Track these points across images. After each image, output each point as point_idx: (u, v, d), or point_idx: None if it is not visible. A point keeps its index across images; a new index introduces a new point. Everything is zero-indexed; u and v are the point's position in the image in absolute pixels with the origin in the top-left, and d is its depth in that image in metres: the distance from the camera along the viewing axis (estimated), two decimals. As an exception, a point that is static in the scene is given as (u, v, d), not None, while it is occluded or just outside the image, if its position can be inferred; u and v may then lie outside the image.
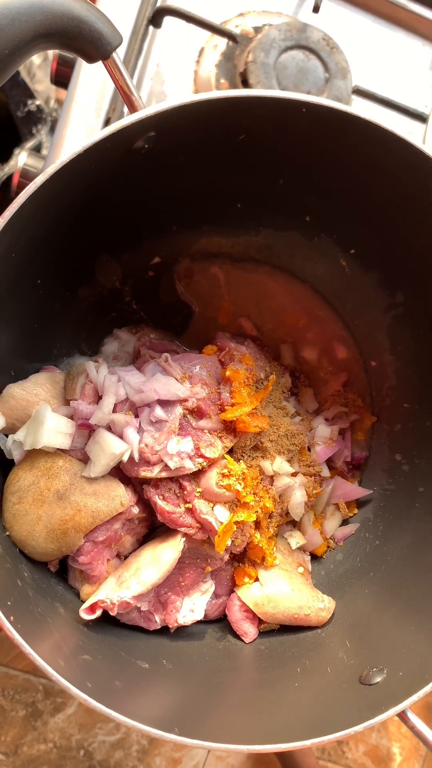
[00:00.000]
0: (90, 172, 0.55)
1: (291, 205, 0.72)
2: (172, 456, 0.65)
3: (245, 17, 0.87)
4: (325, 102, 0.55)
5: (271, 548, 0.72)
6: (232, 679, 0.65)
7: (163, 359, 0.69)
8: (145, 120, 0.52)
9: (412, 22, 0.90)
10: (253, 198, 0.72)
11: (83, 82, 0.83)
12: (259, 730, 0.55)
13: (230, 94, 0.54)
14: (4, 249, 0.54)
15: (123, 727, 1.71)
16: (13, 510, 0.64)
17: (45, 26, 0.46)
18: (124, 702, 0.53)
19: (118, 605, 0.63)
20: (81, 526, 0.64)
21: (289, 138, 0.60)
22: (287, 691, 0.62)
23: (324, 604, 0.70)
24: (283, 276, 0.79)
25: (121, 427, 0.65)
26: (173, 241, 0.76)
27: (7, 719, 1.69)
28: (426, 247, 0.66)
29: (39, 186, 0.51)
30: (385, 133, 0.56)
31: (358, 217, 0.70)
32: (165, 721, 0.52)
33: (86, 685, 0.51)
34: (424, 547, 0.71)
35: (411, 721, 0.55)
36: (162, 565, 0.65)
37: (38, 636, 0.53)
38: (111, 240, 0.72)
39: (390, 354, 0.79)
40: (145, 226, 0.72)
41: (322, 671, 0.64)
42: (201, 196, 0.70)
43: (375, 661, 0.62)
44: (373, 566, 0.75)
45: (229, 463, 0.67)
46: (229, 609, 0.71)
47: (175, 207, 0.71)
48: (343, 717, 0.55)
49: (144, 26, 0.80)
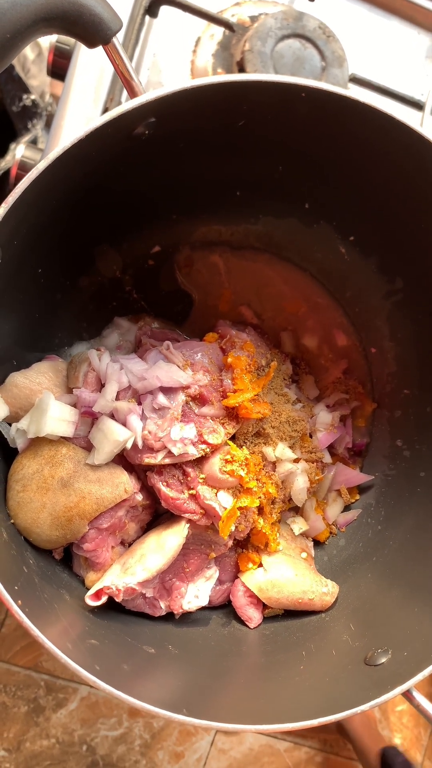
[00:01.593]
0: (90, 158, 0.56)
1: (290, 192, 0.72)
2: (176, 442, 0.65)
3: (241, 6, 0.87)
4: (325, 86, 0.55)
5: (274, 534, 0.72)
6: (237, 663, 0.66)
7: (165, 347, 0.69)
8: (146, 105, 0.53)
9: (407, 11, 0.90)
10: (252, 185, 0.72)
11: (80, 72, 0.83)
12: (266, 710, 0.56)
13: (230, 79, 0.54)
14: (7, 236, 0.54)
15: (125, 722, 1.72)
16: (18, 498, 0.64)
17: (46, 10, 0.47)
18: (133, 685, 0.53)
19: (123, 591, 0.63)
20: (85, 513, 0.64)
21: (288, 123, 0.61)
22: (293, 674, 0.62)
23: (327, 589, 0.71)
24: (283, 264, 0.80)
25: (124, 415, 0.65)
26: (173, 229, 0.76)
27: (9, 715, 1.69)
28: (425, 232, 0.67)
29: (41, 171, 0.51)
30: (383, 116, 0.56)
31: (357, 203, 0.70)
32: (173, 703, 0.52)
33: (95, 668, 0.51)
34: (425, 531, 0.71)
35: (416, 699, 0.56)
36: (166, 551, 0.66)
37: (46, 620, 0.54)
38: (111, 228, 0.72)
39: (390, 340, 0.79)
40: (145, 215, 0.73)
41: (327, 654, 0.64)
42: (200, 183, 0.70)
43: (379, 642, 0.62)
44: (375, 551, 0.75)
45: (231, 449, 0.68)
46: (233, 594, 0.72)
47: (175, 195, 0.71)
48: (349, 697, 0.55)
49: (141, 16, 0.80)
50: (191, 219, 0.76)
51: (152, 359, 0.69)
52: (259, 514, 0.71)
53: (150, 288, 0.78)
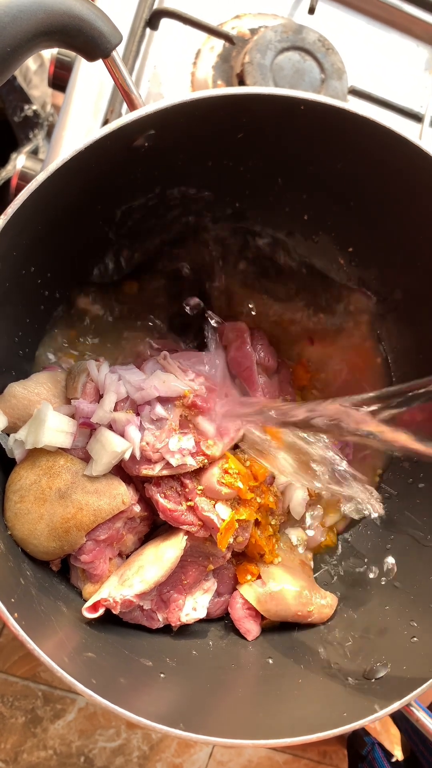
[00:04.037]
0: (90, 170, 0.56)
1: (290, 204, 0.72)
2: (174, 453, 0.65)
3: (241, 19, 0.87)
4: (323, 99, 0.55)
5: (272, 545, 0.72)
6: (235, 676, 0.65)
7: (162, 357, 0.69)
8: (145, 118, 0.53)
9: (406, 24, 0.91)
10: (251, 197, 0.72)
11: (81, 84, 0.83)
12: (264, 725, 0.55)
13: (229, 92, 0.54)
14: (6, 247, 0.54)
15: (123, 734, 1.70)
16: (15, 509, 0.64)
17: (46, 24, 0.47)
18: (129, 698, 0.53)
19: (120, 603, 0.63)
20: (83, 524, 0.64)
21: (287, 136, 0.61)
22: (291, 687, 0.62)
23: (326, 601, 0.70)
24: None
25: (122, 425, 0.65)
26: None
27: (6, 726, 1.68)
28: (424, 243, 0.67)
29: (40, 183, 0.51)
30: (381, 129, 0.56)
31: (356, 215, 0.70)
32: (170, 717, 0.52)
33: (91, 681, 0.51)
34: (424, 542, 0.71)
35: (416, 714, 0.55)
36: (164, 563, 0.65)
37: (42, 633, 0.53)
38: (110, 240, 0.72)
39: (388, 352, 0.79)
40: (144, 226, 0.73)
41: (326, 667, 0.64)
42: (198, 197, 0.71)
43: (379, 655, 0.62)
44: (374, 562, 0.75)
45: (230, 461, 0.68)
46: (231, 607, 0.71)
47: (173, 207, 0.72)
48: (348, 711, 0.55)
49: (141, 28, 0.81)
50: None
51: (150, 369, 0.69)
52: (258, 525, 0.71)
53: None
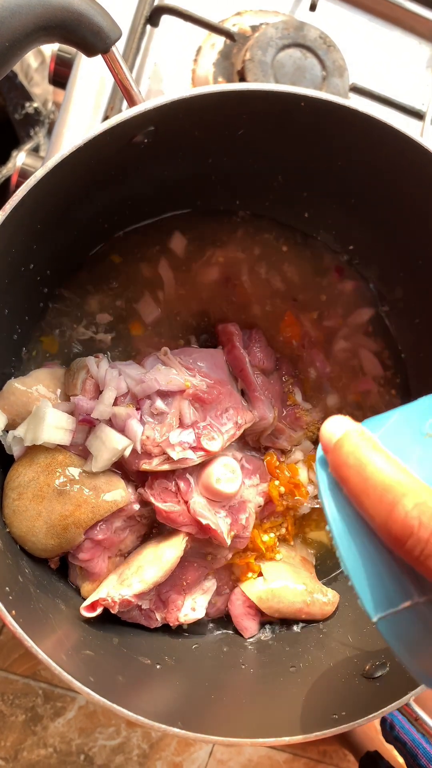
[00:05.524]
0: (89, 166, 0.55)
1: (290, 202, 0.72)
2: (174, 446, 0.64)
3: (242, 16, 0.87)
4: (324, 95, 0.55)
5: (273, 543, 0.72)
6: (234, 675, 0.65)
7: (162, 353, 0.69)
8: (144, 114, 0.52)
9: (408, 21, 0.90)
10: (251, 195, 0.72)
11: (81, 81, 0.83)
12: (263, 723, 0.55)
13: (230, 88, 0.54)
14: (5, 244, 0.54)
15: (123, 732, 1.70)
16: (13, 506, 0.64)
17: (45, 19, 0.47)
18: (127, 697, 0.53)
19: (119, 603, 0.63)
20: (81, 521, 0.64)
21: (288, 133, 0.61)
22: (290, 686, 0.62)
23: (328, 598, 0.70)
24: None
25: (123, 420, 0.65)
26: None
27: (6, 724, 1.68)
28: (425, 241, 0.67)
29: (39, 179, 0.51)
30: (383, 126, 0.56)
31: (357, 213, 0.70)
32: (169, 716, 0.51)
33: (89, 679, 0.51)
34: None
35: (415, 713, 0.55)
36: (164, 563, 0.65)
37: (40, 631, 0.53)
38: (110, 236, 0.72)
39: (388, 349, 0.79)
40: (143, 222, 0.73)
41: (325, 665, 0.64)
42: (199, 194, 0.70)
43: (377, 655, 0.62)
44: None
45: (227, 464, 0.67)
46: (231, 604, 0.71)
47: (174, 204, 0.71)
48: (346, 710, 0.54)
49: (142, 25, 0.80)
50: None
51: (150, 364, 0.69)
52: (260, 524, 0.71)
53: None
